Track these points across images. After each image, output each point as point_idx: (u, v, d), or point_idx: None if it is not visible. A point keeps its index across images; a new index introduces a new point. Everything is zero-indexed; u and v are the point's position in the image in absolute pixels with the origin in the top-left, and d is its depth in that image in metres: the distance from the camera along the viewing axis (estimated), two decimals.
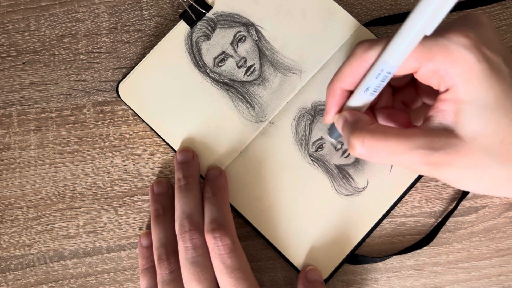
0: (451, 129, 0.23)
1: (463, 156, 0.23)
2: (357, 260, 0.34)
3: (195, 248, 0.30)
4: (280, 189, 0.34)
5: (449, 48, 0.23)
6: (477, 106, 0.23)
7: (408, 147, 0.23)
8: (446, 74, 0.23)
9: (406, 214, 0.35)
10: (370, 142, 0.24)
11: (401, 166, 0.25)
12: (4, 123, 0.37)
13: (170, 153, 0.36)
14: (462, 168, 0.23)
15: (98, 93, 0.37)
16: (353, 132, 0.25)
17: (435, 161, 0.23)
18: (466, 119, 0.23)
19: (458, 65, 0.23)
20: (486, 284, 0.34)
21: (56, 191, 0.36)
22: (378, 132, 0.24)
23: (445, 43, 0.23)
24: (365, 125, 0.25)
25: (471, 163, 0.23)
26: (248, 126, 0.35)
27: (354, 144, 0.25)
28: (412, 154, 0.23)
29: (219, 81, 0.35)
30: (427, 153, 0.23)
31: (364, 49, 0.26)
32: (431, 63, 0.24)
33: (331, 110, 0.29)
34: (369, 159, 0.25)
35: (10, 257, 0.36)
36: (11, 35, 0.37)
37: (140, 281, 0.34)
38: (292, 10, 0.36)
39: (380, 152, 0.24)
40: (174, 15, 0.37)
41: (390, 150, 0.24)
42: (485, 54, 0.23)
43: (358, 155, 0.25)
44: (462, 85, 0.23)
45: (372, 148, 0.24)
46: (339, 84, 0.28)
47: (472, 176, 0.24)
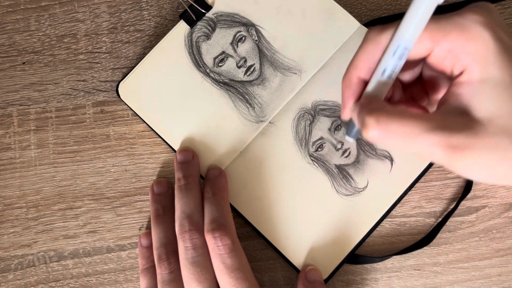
0: (468, 111, 0.23)
1: (482, 138, 0.22)
2: (357, 260, 0.34)
3: (195, 248, 0.30)
4: (280, 189, 0.34)
5: (465, 25, 0.23)
6: (493, 85, 0.22)
7: (426, 127, 0.22)
8: (462, 52, 0.23)
9: (406, 214, 0.35)
10: (386, 121, 0.23)
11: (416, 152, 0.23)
12: (4, 123, 0.37)
13: (170, 153, 0.36)
14: (481, 151, 0.22)
15: (98, 93, 0.37)
16: (369, 111, 0.24)
17: (455, 144, 0.22)
18: (482, 100, 0.22)
19: (474, 42, 0.22)
20: (486, 284, 0.34)
21: (56, 191, 0.36)
22: (395, 112, 0.23)
23: (460, 21, 0.23)
24: (380, 105, 0.24)
25: (490, 145, 0.22)
26: (248, 126, 0.35)
27: (368, 123, 0.23)
28: (430, 136, 0.22)
29: (219, 81, 0.35)
30: (446, 135, 0.22)
31: (377, 32, 0.25)
32: (446, 42, 0.23)
33: (348, 102, 0.27)
34: (382, 142, 0.23)
35: (10, 257, 0.36)
36: (11, 35, 0.37)
37: (140, 281, 0.34)
38: (292, 10, 0.36)
39: (395, 133, 0.23)
40: (174, 15, 0.37)
41: (407, 132, 0.22)
42: (499, 34, 0.23)
43: (371, 137, 0.23)
44: (479, 62, 0.22)
45: (388, 129, 0.23)
46: (356, 73, 0.26)
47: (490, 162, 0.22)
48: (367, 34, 0.26)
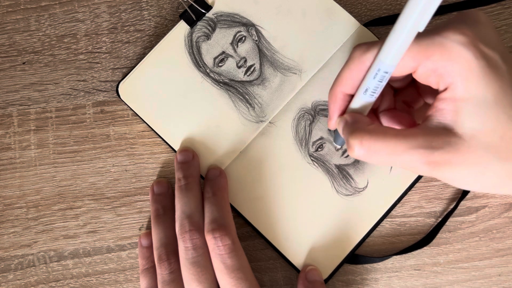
0: (450, 127, 0.23)
1: (463, 154, 0.23)
2: (357, 260, 0.34)
3: (195, 248, 0.30)
4: (280, 189, 0.34)
5: (446, 46, 0.23)
6: (476, 103, 0.23)
7: (408, 146, 0.23)
8: (445, 72, 0.23)
9: (406, 214, 0.35)
10: (369, 142, 0.24)
11: (401, 167, 0.25)
12: (4, 123, 0.37)
13: (170, 153, 0.36)
14: (462, 166, 0.23)
15: (98, 93, 0.37)
16: (352, 132, 0.25)
17: (435, 160, 0.23)
18: (465, 117, 0.23)
19: (456, 63, 0.23)
20: (486, 284, 0.34)
21: (56, 191, 0.36)
22: (377, 132, 0.24)
23: (442, 41, 0.23)
24: (364, 125, 0.25)
25: (471, 161, 0.23)
26: (248, 126, 0.35)
27: (352, 144, 0.25)
28: (412, 153, 0.23)
29: (219, 81, 0.35)
30: (427, 152, 0.23)
31: (361, 52, 0.26)
32: (429, 62, 0.23)
33: (333, 115, 0.29)
34: (368, 160, 0.25)
35: (10, 257, 0.36)
36: (11, 35, 0.37)
37: (140, 281, 0.34)
38: (292, 10, 0.36)
39: (379, 152, 0.24)
40: (174, 15, 0.37)
41: (390, 150, 0.24)
42: (482, 51, 0.23)
43: (357, 157, 0.25)
44: (461, 82, 0.23)
45: (371, 148, 0.24)
46: (340, 88, 0.28)
47: (473, 175, 0.24)
48: (352, 52, 0.27)
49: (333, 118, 0.29)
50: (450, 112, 0.23)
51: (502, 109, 0.23)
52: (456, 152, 0.23)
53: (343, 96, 0.28)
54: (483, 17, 0.25)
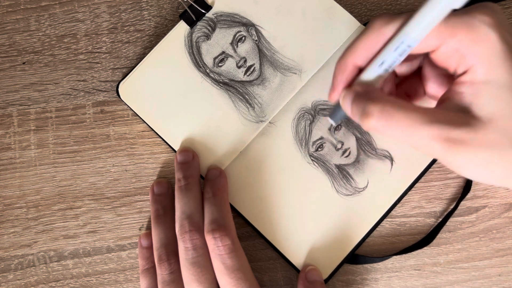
0: (468, 110, 0.23)
1: (480, 136, 0.22)
2: (357, 260, 0.34)
3: (195, 248, 0.30)
4: (280, 189, 0.34)
5: (474, 25, 0.23)
6: (497, 86, 0.22)
7: (427, 120, 0.22)
8: (468, 52, 0.23)
9: (406, 214, 0.35)
10: (390, 110, 0.23)
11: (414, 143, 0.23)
12: (4, 123, 0.37)
13: (170, 153, 0.36)
14: (479, 148, 0.22)
15: (98, 93, 0.37)
16: (372, 100, 0.24)
17: (454, 138, 0.22)
18: (484, 100, 0.22)
19: (482, 43, 0.23)
20: (486, 284, 0.34)
21: (56, 191, 0.36)
22: (398, 103, 0.23)
23: (470, 20, 0.23)
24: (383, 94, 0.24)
25: (488, 144, 0.22)
26: (248, 126, 0.35)
27: (372, 111, 0.23)
28: (431, 128, 0.22)
29: (219, 81, 0.35)
30: (447, 128, 0.22)
31: (382, 22, 0.25)
32: (453, 41, 0.23)
33: (338, 86, 0.27)
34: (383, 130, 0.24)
35: (10, 257, 0.36)
36: (11, 35, 0.37)
37: (140, 282, 0.34)
38: (292, 10, 0.36)
39: (399, 122, 0.23)
40: (174, 15, 0.37)
41: (410, 122, 0.23)
42: (505, 36, 0.23)
43: (373, 126, 0.24)
44: (483, 64, 0.23)
45: (392, 118, 0.23)
46: (352, 59, 0.26)
47: (485, 160, 0.23)
48: (372, 22, 0.25)
49: (336, 89, 0.28)
50: (468, 96, 0.23)
51: None
52: (475, 133, 0.22)
53: (353, 68, 0.27)
54: (500, 9, 0.25)
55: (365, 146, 0.35)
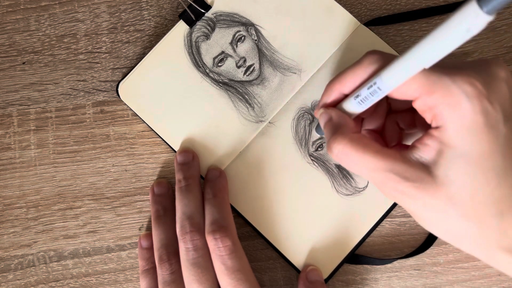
0: (428, 166, 0.23)
1: (429, 196, 0.23)
2: (357, 260, 0.34)
3: (196, 249, 0.31)
4: (280, 189, 0.34)
5: (451, 90, 0.22)
6: (459, 155, 0.22)
7: (383, 167, 0.24)
8: (440, 114, 0.23)
9: (406, 214, 0.35)
10: (349, 151, 0.25)
11: (372, 182, 0.25)
12: (4, 123, 0.37)
13: (170, 153, 0.36)
14: (425, 207, 0.23)
15: (98, 93, 0.37)
16: (335, 135, 0.25)
17: (402, 190, 0.23)
18: (445, 162, 0.23)
19: (454, 110, 0.22)
20: (486, 284, 0.34)
21: (56, 191, 0.36)
22: (359, 143, 0.25)
23: (448, 84, 0.22)
24: (349, 131, 0.25)
25: (434, 206, 0.23)
26: (247, 126, 0.35)
27: (333, 148, 0.25)
28: (384, 175, 0.24)
29: (218, 81, 0.35)
30: (398, 180, 0.23)
31: (371, 60, 0.26)
32: (429, 98, 0.23)
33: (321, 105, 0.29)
34: (343, 165, 0.26)
35: (10, 257, 0.36)
36: (11, 35, 0.37)
37: (140, 282, 0.34)
38: (292, 9, 0.36)
39: (355, 163, 0.25)
40: (174, 15, 0.37)
41: (366, 165, 0.24)
42: (485, 108, 0.22)
43: (334, 158, 0.26)
44: (452, 130, 0.22)
45: (349, 157, 0.25)
46: (338, 86, 0.28)
47: (433, 219, 0.24)
48: (363, 56, 0.26)
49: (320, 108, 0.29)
50: (433, 151, 0.23)
51: (482, 170, 0.22)
52: (424, 191, 0.23)
53: (338, 94, 0.28)
54: (503, 72, 0.24)
55: None
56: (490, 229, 0.23)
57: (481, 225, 0.23)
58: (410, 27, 0.36)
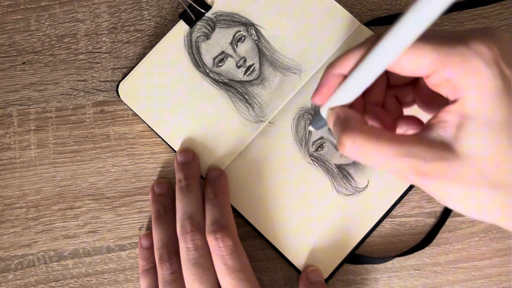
0: (449, 143, 0.22)
1: (454, 172, 0.22)
2: (358, 260, 0.34)
3: (196, 249, 0.30)
4: (280, 189, 0.34)
5: (467, 57, 0.22)
6: (482, 124, 0.22)
7: (400, 153, 0.23)
8: (459, 84, 0.22)
9: (406, 214, 0.35)
10: (362, 142, 0.24)
11: (390, 172, 0.24)
12: (4, 123, 0.37)
13: (170, 153, 0.36)
14: (451, 184, 0.23)
15: (98, 93, 0.37)
16: (345, 130, 0.24)
17: (424, 171, 0.22)
18: (467, 136, 0.22)
19: (473, 77, 0.22)
20: (486, 284, 0.34)
21: (56, 191, 0.36)
22: (371, 133, 0.24)
23: (464, 51, 0.22)
24: (358, 124, 0.25)
25: (461, 180, 0.22)
26: (247, 126, 0.35)
27: (345, 142, 0.24)
28: (402, 160, 0.23)
29: (218, 81, 0.35)
30: (418, 163, 0.22)
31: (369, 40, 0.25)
32: (444, 71, 0.22)
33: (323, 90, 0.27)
34: (358, 160, 0.25)
35: (10, 257, 0.36)
36: (11, 35, 0.37)
37: (140, 282, 0.34)
38: (292, 9, 0.36)
39: (370, 154, 0.24)
40: (174, 15, 0.37)
41: (381, 154, 0.23)
42: (503, 71, 0.22)
43: (347, 154, 0.24)
44: (473, 99, 0.22)
45: (363, 149, 0.24)
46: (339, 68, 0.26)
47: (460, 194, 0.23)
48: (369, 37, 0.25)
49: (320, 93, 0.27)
50: (453, 126, 0.22)
51: (508, 135, 0.22)
52: (449, 168, 0.22)
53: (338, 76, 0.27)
54: (507, 37, 0.23)
55: None
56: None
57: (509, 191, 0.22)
58: None
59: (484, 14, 0.36)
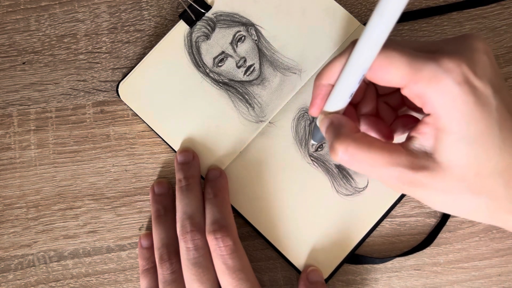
0: (430, 153, 0.23)
1: (437, 181, 0.23)
2: (357, 260, 0.34)
3: (196, 248, 0.31)
4: (280, 189, 0.34)
5: (437, 76, 0.22)
6: (457, 138, 0.22)
7: (389, 162, 0.23)
8: (429, 101, 0.23)
9: (406, 214, 0.35)
10: (354, 150, 0.24)
11: (380, 180, 0.25)
12: (4, 123, 0.37)
13: (170, 153, 0.36)
14: (435, 191, 0.24)
15: (98, 93, 0.37)
16: (338, 137, 0.25)
17: (411, 180, 0.23)
18: (444, 148, 0.23)
19: (443, 96, 0.22)
20: (486, 284, 0.34)
21: (56, 191, 0.36)
22: (363, 141, 0.24)
23: (434, 69, 0.22)
24: (350, 131, 0.25)
25: (444, 189, 0.23)
26: (247, 126, 0.35)
27: (337, 149, 0.25)
28: (391, 169, 0.24)
29: (218, 81, 0.35)
30: (405, 172, 0.23)
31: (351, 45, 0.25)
32: (415, 86, 0.23)
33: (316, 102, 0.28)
34: (349, 167, 0.25)
35: (10, 257, 0.36)
36: (11, 35, 0.37)
37: (140, 282, 0.34)
38: (292, 9, 0.36)
39: (361, 162, 0.24)
40: (174, 15, 0.37)
41: (372, 162, 0.24)
42: (473, 86, 0.22)
43: (339, 161, 0.25)
44: (444, 116, 0.22)
45: (354, 157, 0.24)
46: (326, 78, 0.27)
47: (446, 201, 0.24)
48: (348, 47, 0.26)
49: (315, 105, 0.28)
50: (431, 138, 0.23)
51: (482, 147, 0.23)
52: (432, 177, 0.23)
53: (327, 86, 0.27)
54: (481, 45, 0.24)
55: None
56: (500, 198, 0.24)
57: (491, 197, 0.24)
58: (410, 27, 0.36)
59: (484, 14, 0.36)
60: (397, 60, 0.23)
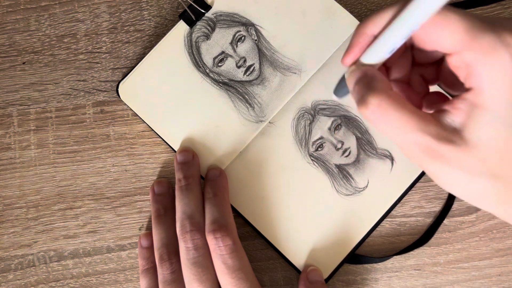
0: (460, 129, 0.22)
1: (460, 157, 0.22)
2: (357, 260, 0.34)
3: (196, 248, 0.31)
4: (280, 189, 0.34)
5: (494, 47, 0.21)
6: (493, 117, 0.22)
7: (418, 128, 0.22)
8: (477, 73, 0.22)
9: (406, 214, 0.35)
10: (387, 107, 0.23)
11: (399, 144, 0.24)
12: (4, 123, 0.37)
13: (170, 153, 0.36)
14: (453, 168, 0.23)
15: (98, 93, 0.37)
16: (372, 90, 0.23)
17: (434, 151, 0.22)
18: (476, 125, 0.22)
19: (494, 69, 0.21)
20: (486, 284, 0.34)
21: (56, 191, 0.36)
22: (398, 101, 0.23)
23: (493, 40, 0.21)
24: (386, 87, 0.24)
25: (464, 166, 0.23)
26: (247, 126, 0.35)
27: (369, 103, 0.23)
28: (418, 136, 0.22)
29: (218, 81, 0.35)
30: (431, 141, 0.22)
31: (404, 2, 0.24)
32: (467, 54, 0.22)
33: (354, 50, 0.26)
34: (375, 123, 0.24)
35: (10, 257, 0.36)
36: (11, 35, 0.37)
37: (140, 282, 0.34)
38: (292, 9, 0.36)
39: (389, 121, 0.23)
40: (174, 15, 0.37)
41: (402, 123, 0.23)
42: None
43: (367, 115, 0.23)
44: (487, 90, 0.21)
45: (385, 115, 0.23)
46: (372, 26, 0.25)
47: (461, 179, 0.23)
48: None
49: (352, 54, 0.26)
50: (464, 114, 0.22)
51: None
52: (456, 152, 0.22)
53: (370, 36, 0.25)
54: None
55: (365, 145, 0.35)
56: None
57: (507, 185, 0.23)
58: None
59: (484, 14, 0.36)
60: (456, 22, 0.21)
